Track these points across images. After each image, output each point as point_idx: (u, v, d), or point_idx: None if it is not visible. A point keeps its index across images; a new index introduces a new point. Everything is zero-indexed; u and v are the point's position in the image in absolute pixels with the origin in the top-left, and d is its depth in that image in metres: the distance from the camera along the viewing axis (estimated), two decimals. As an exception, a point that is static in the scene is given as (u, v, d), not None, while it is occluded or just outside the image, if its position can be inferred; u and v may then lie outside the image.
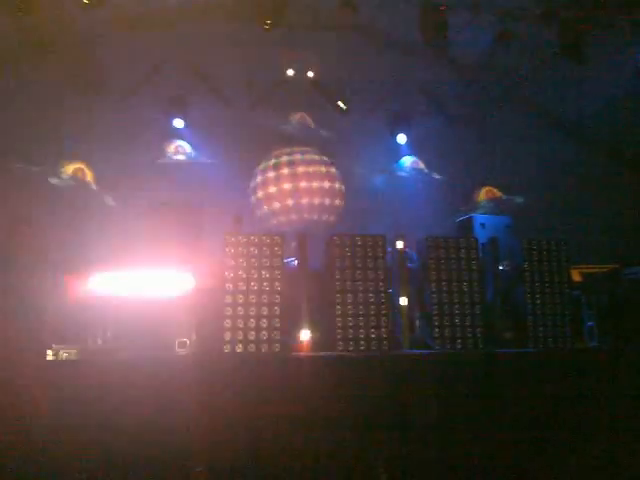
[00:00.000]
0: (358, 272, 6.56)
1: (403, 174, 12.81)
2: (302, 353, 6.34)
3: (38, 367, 5.11)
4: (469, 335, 6.67)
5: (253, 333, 6.18)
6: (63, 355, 5.29)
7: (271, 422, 5.07)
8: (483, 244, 7.52)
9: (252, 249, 6.37)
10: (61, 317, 6.31)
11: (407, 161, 12.97)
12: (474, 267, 6.87)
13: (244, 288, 6.24)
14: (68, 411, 4.74)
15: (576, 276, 7.85)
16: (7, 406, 4.67)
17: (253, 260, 6.34)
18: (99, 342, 6.11)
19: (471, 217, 9.17)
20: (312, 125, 12.37)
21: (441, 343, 6.60)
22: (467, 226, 8.95)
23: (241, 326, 6.16)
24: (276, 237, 6.52)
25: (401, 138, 12.86)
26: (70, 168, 11.24)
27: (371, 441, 5.01)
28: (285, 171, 10.84)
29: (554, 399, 5.57)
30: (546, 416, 5.48)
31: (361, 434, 5.05)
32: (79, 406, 4.74)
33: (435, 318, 6.67)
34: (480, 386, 5.58)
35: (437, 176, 12.72)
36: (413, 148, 12.84)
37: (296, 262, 7.36)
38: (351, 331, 6.42)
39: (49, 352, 5.28)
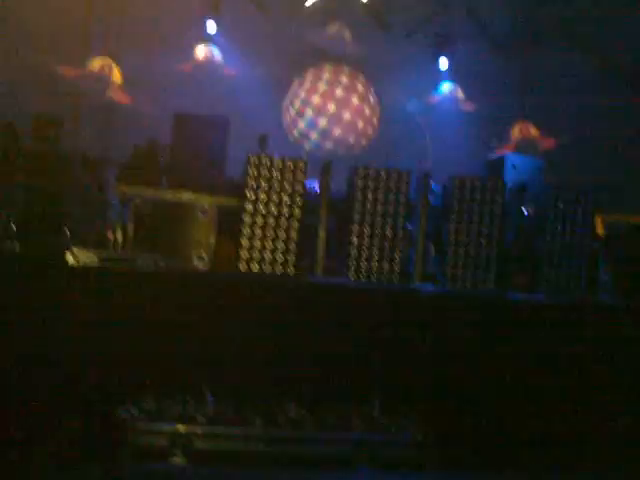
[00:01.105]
0: (378, 206, 6.89)
1: (440, 101, 12.79)
2: (315, 278, 6.74)
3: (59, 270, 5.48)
4: (481, 276, 7.01)
5: (269, 254, 6.58)
6: (83, 260, 5.64)
7: (276, 340, 5.44)
8: (511, 187, 7.76)
9: (275, 173, 6.69)
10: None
11: (445, 87, 12.92)
12: (497, 211, 7.13)
13: (264, 211, 6.61)
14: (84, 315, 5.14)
15: (601, 227, 8.08)
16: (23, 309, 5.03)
17: (275, 183, 6.66)
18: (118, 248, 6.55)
19: (503, 156, 9.34)
20: (349, 39, 12.26)
21: (452, 281, 6.96)
22: (498, 166, 9.08)
23: (258, 246, 6.56)
24: (300, 162, 6.80)
25: (443, 62, 12.77)
26: (96, 63, 11.33)
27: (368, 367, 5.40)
28: (322, 90, 10.73)
29: (554, 347, 5.88)
30: (544, 363, 5.80)
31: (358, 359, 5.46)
32: (95, 314, 5.15)
33: (449, 256, 7.00)
34: (481, 326, 5.93)
35: (473, 107, 12.68)
36: (453, 74, 12.78)
37: (317, 188, 7.69)
38: (365, 262, 6.81)
39: (68, 255, 5.61)
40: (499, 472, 4.13)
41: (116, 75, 11.39)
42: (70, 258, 5.63)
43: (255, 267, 6.54)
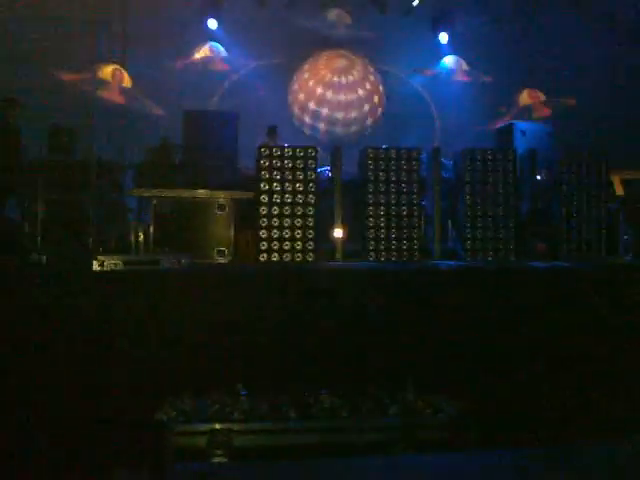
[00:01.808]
0: (391, 185, 6.82)
1: (441, 74, 12.65)
2: (335, 264, 6.70)
3: (86, 277, 5.48)
4: (500, 247, 6.94)
5: (288, 243, 6.56)
6: (109, 265, 5.63)
7: (305, 329, 5.36)
8: (521, 155, 7.66)
9: (286, 162, 6.64)
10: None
11: (449, 61, 12.79)
12: (510, 180, 7.04)
13: (278, 200, 6.57)
14: (116, 321, 5.10)
15: (618, 185, 7.94)
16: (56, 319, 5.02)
17: (287, 173, 6.62)
18: (141, 251, 6.55)
19: (511, 124, 9.24)
20: (349, 22, 12.14)
21: (472, 255, 6.90)
22: (507, 133, 9.02)
23: (276, 236, 6.53)
24: (310, 149, 6.76)
25: (443, 37, 12.61)
26: (108, 69, 11.36)
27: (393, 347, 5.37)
28: (323, 77, 10.66)
29: (584, 316, 5.76)
30: (572, 330, 5.70)
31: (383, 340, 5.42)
32: (126, 316, 5.11)
33: (467, 230, 6.93)
34: (505, 297, 5.78)
35: (480, 77, 12.54)
36: (455, 48, 12.63)
37: (329, 173, 7.64)
38: (383, 242, 6.76)
39: (95, 263, 5.59)
40: (537, 448, 4.05)
41: (126, 80, 11.43)
42: (96, 265, 5.58)
43: (275, 257, 6.52)
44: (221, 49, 11.98)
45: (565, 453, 3.30)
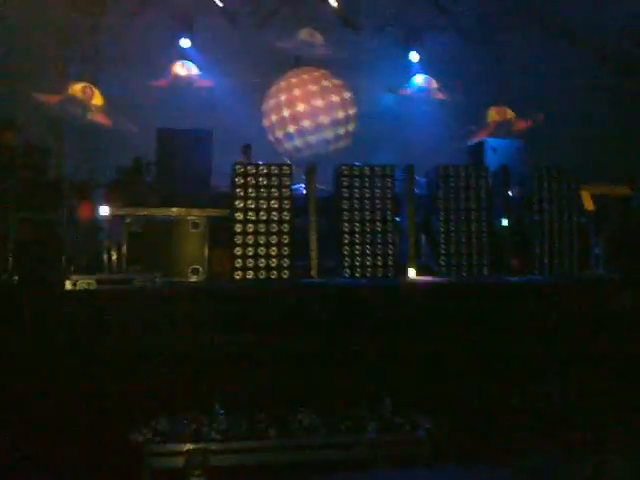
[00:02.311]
0: (365, 202, 6.85)
1: (414, 93, 12.77)
2: (310, 279, 6.68)
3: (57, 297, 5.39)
4: (475, 262, 6.98)
5: (263, 260, 6.53)
6: (82, 285, 5.56)
7: (281, 347, 5.29)
8: (493, 171, 7.73)
9: (261, 179, 6.64)
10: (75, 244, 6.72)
11: (419, 79, 12.90)
12: (483, 195, 7.12)
13: (253, 217, 6.56)
14: (86, 340, 5.04)
15: (588, 200, 8.04)
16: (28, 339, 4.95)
17: (262, 190, 6.62)
18: (114, 270, 6.47)
19: (482, 141, 9.32)
20: (320, 42, 12.21)
21: (447, 270, 6.92)
22: (478, 150, 9.08)
23: (251, 254, 6.50)
24: (285, 167, 6.79)
25: (413, 56, 12.76)
26: (77, 87, 11.27)
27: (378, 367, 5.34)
28: (294, 93, 10.68)
29: (557, 328, 5.79)
30: (549, 344, 5.72)
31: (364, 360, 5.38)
32: (98, 335, 5.05)
33: (442, 246, 6.97)
34: (481, 313, 5.80)
35: (448, 96, 12.67)
36: (425, 67, 12.76)
37: (304, 190, 7.63)
38: (358, 259, 6.76)
39: (67, 282, 5.51)
40: (515, 462, 4.04)
41: (97, 98, 11.36)
42: (68, 284, 5.50)
43: (250, 275, 6.48)
44: (194, 68, 12.00)
45: (547, 468, 3.30)
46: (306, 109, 10.37)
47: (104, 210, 6.79)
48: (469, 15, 12.24)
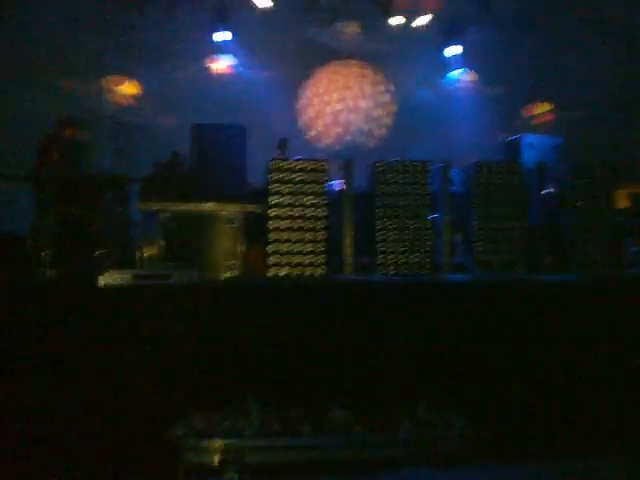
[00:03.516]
0: (401, 198, 6.84)
1: (453, 88, 12.66)
2: (345, 277, 6.70)
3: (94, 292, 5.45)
4: (510, 261, 6.93)
5: (297, 257, 6.55)
6: (118, 279, 5.62)
7: (315, 344, 5.32)
8: (530, 168, 7.66)
9: (296, 175, 6.66)
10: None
11: (457, 74, 12.77)
12: (519, 193, 7.07)
13: (289, 214, 6.59)
14: (127, 336, 5.07)
15: (624, 199, 7.95)
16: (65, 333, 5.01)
17: (298, 186, 6.64)
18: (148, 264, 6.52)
19: (519, 137, 9.22)
20: (359, 32, 12.12)
21: (481, 268, 6.89)
22: (515, 147, 9.00)
23: (285, 250, 6.54)
24: (321, 162, 6.78)
25: (452, 50, 12.60)
26: (114, 81, 11.38)
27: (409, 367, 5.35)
28: (334, 88, 10.62)
29: (589, 329, 5.73)
30: (587, 347, 5.65)
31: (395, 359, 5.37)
32: (135, 331, 5.09)
33: (477, 243, 6.95)
34: (515, 312, 5.76)
35: (489, 90, 12.53)
36: (464, 60, 12.61)
37: (338, 186, 7.63)
38: (392, 256, 6.76)
39: (101, 278, 5.53)
40: (550, 461, 4.03)
41: (132, 87, 11.41)
42: (103, 280, 5.56)
43: (284, 271, 6.51)
44: (231, 61, 11.99)
45: (580, 468, 3.29)
46: (344, 102, 10.35)
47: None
48: (510, 6, 12.05)
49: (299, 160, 6.80)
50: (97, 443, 4.51)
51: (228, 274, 6.60)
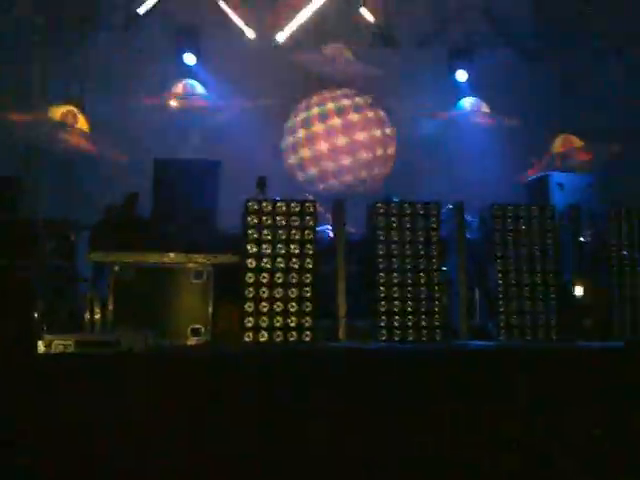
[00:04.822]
0: (406, 247, 6.61)
1: (462, 119, 12.71)
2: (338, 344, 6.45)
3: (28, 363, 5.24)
4: (541, 323, 6.70)
5: (279, 319, 6.31)
6: (58, 347, 5.40)
7: (303, 425, 5.17)
8: (561, 211, 7.51)
9: (279, 219, 6.46)
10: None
11: (467, 103, 12.90)
12: (549, 241, 6.87)
13: (269, 265, 6.36)
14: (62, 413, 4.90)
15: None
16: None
17: (280, 232, 6.44)
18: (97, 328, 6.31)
19: (546, 175, 9.15)
20: (351, 59, 12.23)
21: (507, 333, 6.65)
22: (541, 186, 8.94)
23: (265, 310, 6.29)
24: (307, 204, 6.58)
25: (461, 75, 12.73)
26: (58, 111, 11.37)
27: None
28: (319, 127, 10.66)
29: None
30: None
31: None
32: (77, 407, 4.92)
33: (500, 302, 6.70)
34: (553, 385, 5.58)
35: (504, 120, 12.60)
36: (474, 88, 12.70)
37: (331, 232, 7.47)
38: (397, 317, 6.50)
39: (40, 343, 5.34)
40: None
41: (81, 122, 11.41)
42: (41, 346, 5.35)
43: (264, 336, 6.26)
44: (199, 87, 12.00)
45: None
46: (333, 137, 10.36)
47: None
48: (525, 29, 12.18)
49: (282, 201, 6.59)
50: None
51: (194, 340, 6.37)
